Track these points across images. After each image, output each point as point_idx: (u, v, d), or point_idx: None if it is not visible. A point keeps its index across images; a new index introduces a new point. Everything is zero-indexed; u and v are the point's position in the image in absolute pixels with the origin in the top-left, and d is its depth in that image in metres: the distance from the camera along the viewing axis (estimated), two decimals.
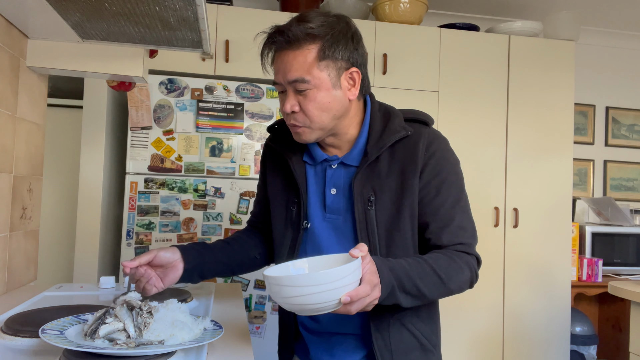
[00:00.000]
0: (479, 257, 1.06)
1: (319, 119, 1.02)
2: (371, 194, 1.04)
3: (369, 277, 0.83)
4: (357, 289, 0.81)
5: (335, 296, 0.78)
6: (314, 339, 1.13)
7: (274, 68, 1.04)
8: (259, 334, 2.34)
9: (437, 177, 1.04)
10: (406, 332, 1.05)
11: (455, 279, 1.00)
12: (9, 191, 1.29)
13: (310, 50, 0.99)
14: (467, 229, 1.05)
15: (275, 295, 0.81)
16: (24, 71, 1.36)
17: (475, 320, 2.66)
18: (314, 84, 0.99)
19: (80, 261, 2.29)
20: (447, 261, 0.99)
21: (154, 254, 1.04)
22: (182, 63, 2.39)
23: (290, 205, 1.13)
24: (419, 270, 0.95)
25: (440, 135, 1.09)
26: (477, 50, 2.72)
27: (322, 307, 0.80)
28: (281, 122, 1.19)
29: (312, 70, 0.99)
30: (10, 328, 0.90)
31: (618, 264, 3.11)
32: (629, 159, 3.68)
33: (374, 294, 0.84)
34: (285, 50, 1.00)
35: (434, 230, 1.04)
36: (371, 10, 2.77)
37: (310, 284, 0.77)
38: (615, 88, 3.66)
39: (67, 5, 1.09)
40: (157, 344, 0.78)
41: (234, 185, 2.36)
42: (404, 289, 0.93)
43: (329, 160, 1.10)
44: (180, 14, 1.10)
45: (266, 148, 1.22)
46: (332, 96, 1.02)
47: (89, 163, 2.32)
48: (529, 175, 2.75)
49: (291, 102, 1.01)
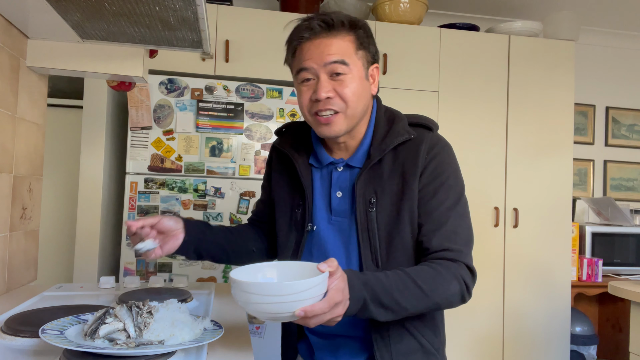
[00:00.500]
0: (470, 266, 1.01)
1: (355, 104, 1.03)
2: (372, 196, 1.04)
3: (332, 293, 0.81)
4: (313, 305, 0.78)
5: (291, 309, 0.77)
6: (318, 340, 1.13)
7: (305, 55, 1.03)
8: (259, 334, 2.34)
9: (435, 180, 1.04)
10: (407, 334, 1.05)
11: (441, 291, 0.95)
12: (9, 191, 1.29)
13: (349, 37, 1.02)
14: (460, 234, 1.01)
15: (237, 297, 0.81)
16: (24, 71, 1.36)
17: (475, 320, 2.66)
18: (351, 70, 1.01)
19: (80, 261, 2.29)
20: (431, 273, 0.95)
21: (158, 218, 1.05)
22: (182, 63, 2.39)
23: (295, 208, 1.13)
24: (398, 283, 0.92)
25: (443, 140, 1.09)
26: (477, 50, 2.72)
27: (278, 317, 0.79)
28: (288, 125, 1.21)
29: (351, 56, 1.02)
30: (10, 328, 0.90)
31: (618, 264, 3.11)
32: (629, 159, 3.67)
33: (335, 311, 0.82)
34: (323, 35, 1.01)
35: (426, 232, 1.02)
36: (371, 10, 2.77)
37: (267, 293, 0.76)
38: (615, 88, 3.66)
39: (67, 5, 1.09)
40: (157, 344, 0.78)
41: (234, 185, 2.36)
42: (380, 302, 0.90)
43: (335, 163, 1.10)
44: (180, 14, 1.10)
45: (272, 150, 1.23)
46: (363, 86, 1.04)
47: (89, 163, 2.32)
48: (529, 175, 2.75)
49: (327, 87, 1.00)
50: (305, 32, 1.02)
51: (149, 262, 2.26)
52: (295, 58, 1.06)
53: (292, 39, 1.06)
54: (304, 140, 1.16)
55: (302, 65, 1.03)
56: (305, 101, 1.04)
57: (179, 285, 1.42)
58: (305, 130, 1.17)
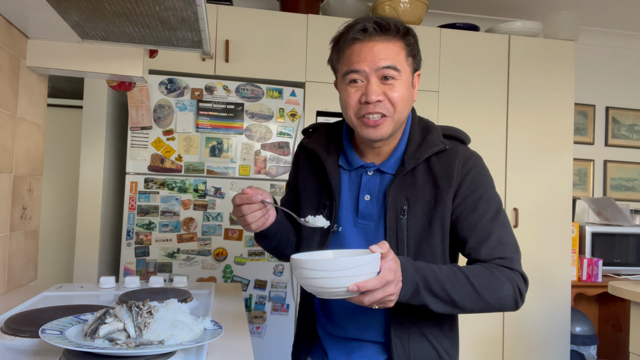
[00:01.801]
0: (524, 275, 1.02)
1: (402, 109, 1.04)
2: (404, 204, 1.05)
3: (385, 272, 0.84)
4: (366, 280, 0.82)
5: (345, 283, 0.82)
6: (332, 342, 1.13)
7: (357, 57, 1.03)
8: (259, 334, 2.34)
9: (474, 193, 1.04)
10: (426, 343, 1.05)
11: (492, 291, 0.96)
12: (9, 191, 1.29)
13: (400, 43, 1.04)
14: (507, 243, 1.03)
15: (296, 275, 0.87)
16: (24, 71, 1.36)
17: (475, 320, 2.66)
18: (401, 75, 1.03)
19: (80, 261, 2.29)
20: (484, 272, 0.97)
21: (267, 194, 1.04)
22: (182, 63, 2.39)
23: (321, 208, 1.13)
24: (449, 275, 0.94)
25: (476, 154, 1.11)
26: (477, 50, 2.72)
27: (333, 291, 0.85)
28: (318, 126, 1.22)
29: (402, 62, 1.03)
30: (10, 328, 0.90)
31: (618, 264, 3.11)
32: (629, 159, 3.67)
33: (387, 289, 0.84)
34: (376, 39, 1.02)
35: (473, 245, 1.02)
36: (371, 10, 2.77)
37: (322, 268, 0.83)
38: (615, 88, 3.66)
39: (67, 5, 1.09)
40: (157, 344, 0.78)
41: (234, 185, 2.36)
42: (431, 290, 0.92)
43: (366, 167, 1.11)
44: (180, 14, 1.10)
45: (300, 149, 1.23)
46: (410, 92, 1.06)
47: (89, 163, 2.32)
48: (529, 175, 2.75)
49: (378, 91, 1.01)
50: (358, 33, 1.02)
51: (148, 262, 2.26)
52: (344, 58, 1.05)
53: (343, 39, 1.05)
54: (335, 141, 1.16)
55: (354, 67, 1.03)
56: (353, 103, 1.04)
57: (179, 285, 1.41)
58: (337, 131, 1.18)
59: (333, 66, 1.11)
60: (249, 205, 1.01)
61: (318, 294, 0.87)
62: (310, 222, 1.03)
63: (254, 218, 1.02)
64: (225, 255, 2.34)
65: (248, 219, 1.01)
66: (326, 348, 1.14)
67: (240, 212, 1.02)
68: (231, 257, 2.35)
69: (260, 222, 1.03)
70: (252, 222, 1.02)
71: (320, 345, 1.15)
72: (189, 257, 2.31)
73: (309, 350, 1.18)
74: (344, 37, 1.05)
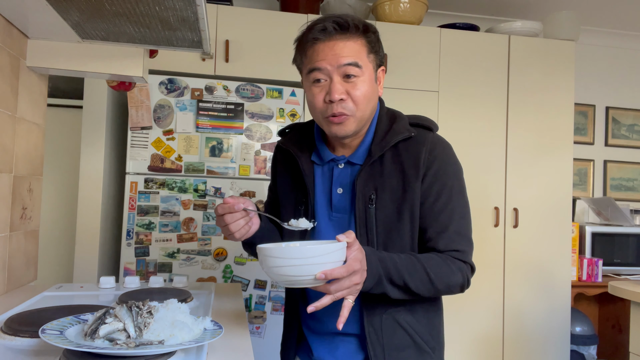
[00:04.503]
0: (473, 266, 1.08)
1: (365, 107, 1.05)
2: (372, 193, 1.06)
3: (351, 262, 0.87)
4: (332, 269, 0.84)
5: (312, 271, 0.84)
6: (317, 339, 1.14)
7: (318, 55, 1.04)
8: (259, 334, 2.34)
9: (438, 182, 1.06)
10: (399, 329, 1.06)
11: (445, 280, 1.02)
12: (9, 191, 1.30)
13: (361, 40, 1.04)
14: (463, 235, 1.07)
15: (262, 264, 0.88)
16: (24, 71, 1.36)
17: (475, 320, 2.66)
18: (363, 72, 1.03)
19: (80, 261, 2.29)
20: (439, 263, 1.02)
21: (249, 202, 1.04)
22: (182, 63, 2.39)
23: (298, 205, 1.15)
24: (408, 265, 0.98)
25: (444, 141, 1.11)
26: (477, 50, 2.72)
27: (300, 280, 0.86)
28: (292, 126, 1.23)
29: (363, 59, 1.04)
30: (10, 328, 0.90)
31: (618, 264, 3.11)
32: (629, 159, 3.67)
33: (353, 278, 0.87)
34: (337, 37, 1.03)
35: (432, 234, 1.05)
36: (371, 10, 2.77)
37: (289, 256, 0.84)
38: (615, 88, 3.66)
39: (67, 5, 1.09)
40: (157, 344, 0.78)
41: (234, 185, 2.36)
42: (391, 281, 0.96)
43: (336, 160, 1.12)
44: (180, 14, 1.10)
45: (277, 151, 1.25)
46: (373, 88, 1.06)
47: (89, 163, 2.32)
48: (529, 175, 2.75)
49: (340, 89, 1.02)
50: (319, 33, 1.03)
51: (148, 262, 2.26)
52: (306, 58, 1.07)
53: (305, 39, 1.06)
54: (307, 138, 1.18)
55: (316, 66, 1.03)
56: (320, 104, 1.05)
57: (179, 285, 1.42)
58: (308, 129, 1.19)
59: (298, 66, 1.12)
60: (232, 215, 1.01)
61: (285, 283, 0.88)
62: (293, 226, 1.04)
63: (237, 227, 1.02)
64: (225, 255, 2.34)
65: (231, 228, 1.01)
66: (312, 346, 1.15)
67: (224, 222, 1.02)
68: (231, 257, 2.35)
69: (244, 230, 1.03)
70: (236, 231, 1.02)
71: (307, 344, 1.16)
72: (189, 257, 2.31)
73: (297, 349, 1.19)
74: (306, 37, 1.06)
